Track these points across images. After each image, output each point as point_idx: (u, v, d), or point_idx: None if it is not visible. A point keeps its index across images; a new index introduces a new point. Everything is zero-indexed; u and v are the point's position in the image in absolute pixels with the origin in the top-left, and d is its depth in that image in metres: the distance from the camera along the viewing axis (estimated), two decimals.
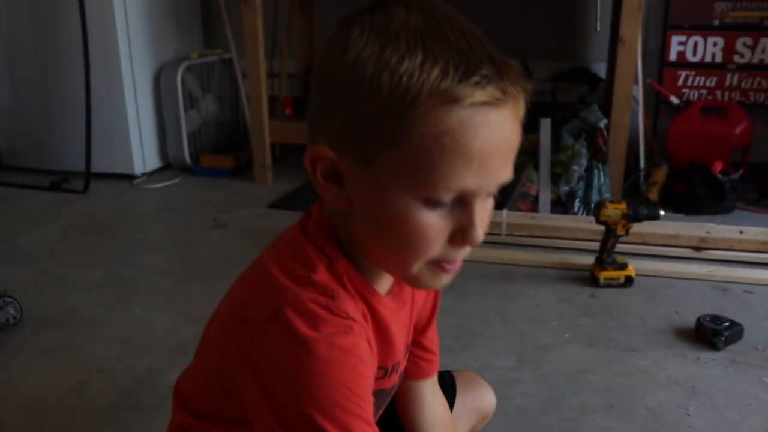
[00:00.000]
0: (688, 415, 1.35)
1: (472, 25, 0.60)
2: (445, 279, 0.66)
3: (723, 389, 1.44)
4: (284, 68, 3.34)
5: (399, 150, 0.57)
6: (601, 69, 3.16)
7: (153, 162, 3.13)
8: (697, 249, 2.14)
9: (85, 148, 2.86)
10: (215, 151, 3.20)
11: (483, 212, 0.62)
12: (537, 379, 1.47)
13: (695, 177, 2.57)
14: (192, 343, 1.60)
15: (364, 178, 0.60)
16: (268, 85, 2.98)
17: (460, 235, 0.61)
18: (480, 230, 0.61)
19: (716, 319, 1.64)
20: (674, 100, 2.89)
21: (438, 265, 0.63)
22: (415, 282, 0.67)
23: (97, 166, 2.94)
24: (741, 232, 2.14)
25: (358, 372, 0.59)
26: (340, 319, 0.60)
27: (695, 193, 2.52)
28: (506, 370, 1.51)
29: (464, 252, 0.64)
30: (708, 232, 2.15)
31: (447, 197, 0.59)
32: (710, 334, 1.59)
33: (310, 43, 3.45)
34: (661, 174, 2.66)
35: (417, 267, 0.63)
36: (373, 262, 0.67)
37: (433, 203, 0.59)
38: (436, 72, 0.55)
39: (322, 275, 0.62)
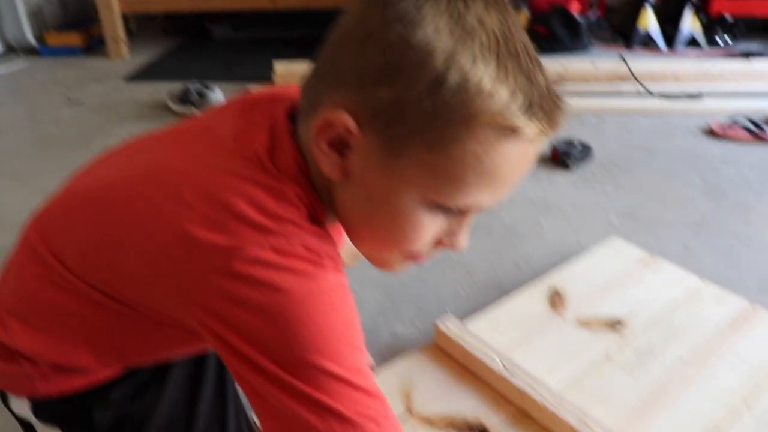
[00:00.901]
0: (541, 227, 1.45)
1: (527, 37, 0.55)
2: (410, 266, 0.65)
3: (572, 202, 1.54)
4: None
5: (434, 154, 0.53)
6: None
7: None
8: (555, 83, 2.21)
9: None
10: (62, 28, 2.95)
11: (471, 221, 0.61)
12: None
13: (554, 19, 2.62)
14: None
15: (380, 164, 0.55)
16: None
17: (447, 239, 0.61)
18: (467, 238, 0.61)
19: (569, 143, 1.73)
20: None
21: (412, 255, 0.62)
22: (379, 262, 0.65)
23: None
24: (594, 65, 2.23)
25: (353, 306, 0.58)
26: (330, 259, 0.57)
27: (554, 33, 2.59)
28: None
29: (439, 251, 0.63)
30: (565, 67, 2.23)
31: (456, 208, 0.57)
32: (563, 155, 1.69)
33: None
34: (522, 18, 2.69)
35: (393, 254, 0.62)
36: (347, 232, 0.64)
37: (440, 209, 0.57)
38: (504, 94, 0.51)
39: (305, 216, 0.57)
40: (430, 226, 0.58)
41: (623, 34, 2.71)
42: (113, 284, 0.63)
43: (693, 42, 2.70)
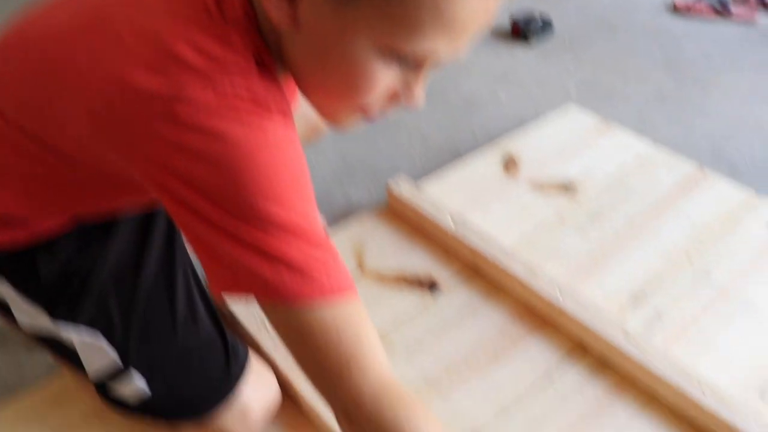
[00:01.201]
0: (499, 97, 1.43)
1: None
2: (360, 122, 0.62)
3: (531, 75, 1.52)
4: None
5: None
6: None
7: None
8: None
9: None
10: None
11: (425, 79, 0.58)
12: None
13: None
14: None
15: (331, 8, 0.51)
16: None
17: (403, 92, 0.58)
18: (422, 94, 0.58)
19: (529, 17, 1.69)
20: None
21: (364, 108, 0.59)
22: (330, 115, 0.62)
23: None
24: None
25: (303, 161, 0.56)
26: (279, 110, 0.54)
27: None
28: None
29: (392, 108, 0.61)
30: None
31: (412, 55, 0.53)
32: (523, 29, 1.65)
33: None
34: None
35: (345, 107, 0.59)
36: (298, 85, 0.61)
37: (395, 57, 0.54)
38: None
39: (251, 63, 0.54)
40: (384, 75, 0.56)
41: None
42: (55, 138, 0.61)
43: None
